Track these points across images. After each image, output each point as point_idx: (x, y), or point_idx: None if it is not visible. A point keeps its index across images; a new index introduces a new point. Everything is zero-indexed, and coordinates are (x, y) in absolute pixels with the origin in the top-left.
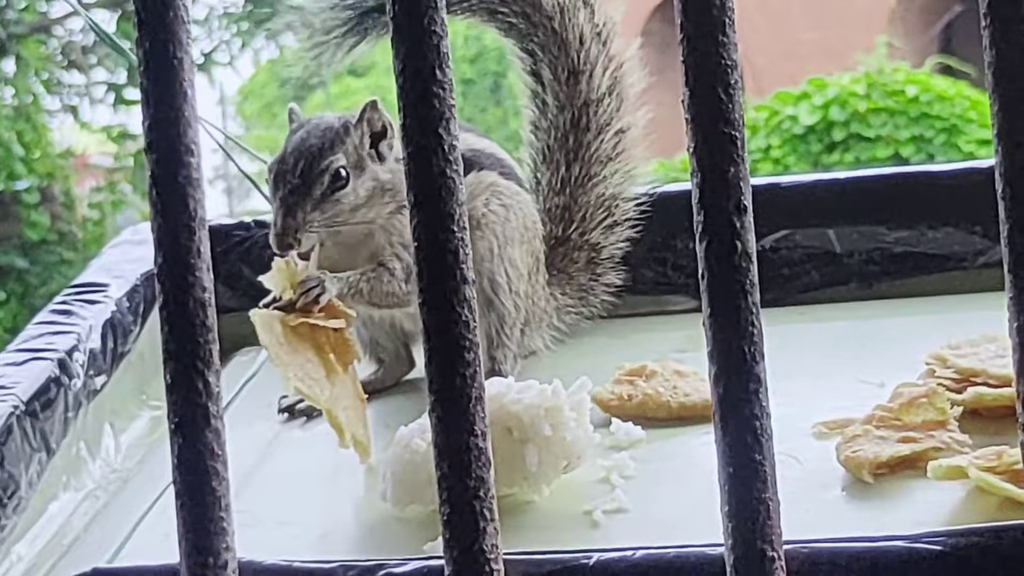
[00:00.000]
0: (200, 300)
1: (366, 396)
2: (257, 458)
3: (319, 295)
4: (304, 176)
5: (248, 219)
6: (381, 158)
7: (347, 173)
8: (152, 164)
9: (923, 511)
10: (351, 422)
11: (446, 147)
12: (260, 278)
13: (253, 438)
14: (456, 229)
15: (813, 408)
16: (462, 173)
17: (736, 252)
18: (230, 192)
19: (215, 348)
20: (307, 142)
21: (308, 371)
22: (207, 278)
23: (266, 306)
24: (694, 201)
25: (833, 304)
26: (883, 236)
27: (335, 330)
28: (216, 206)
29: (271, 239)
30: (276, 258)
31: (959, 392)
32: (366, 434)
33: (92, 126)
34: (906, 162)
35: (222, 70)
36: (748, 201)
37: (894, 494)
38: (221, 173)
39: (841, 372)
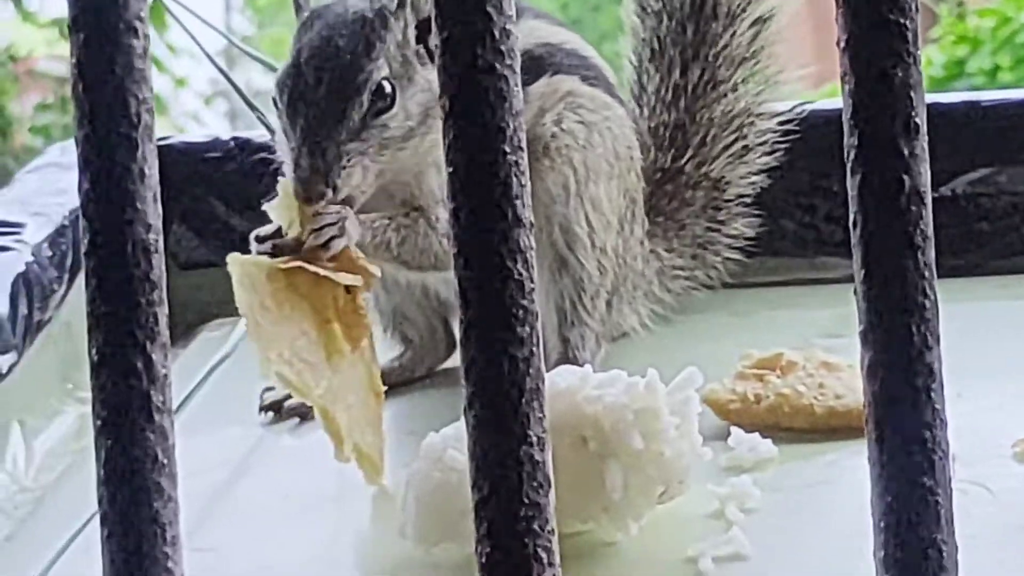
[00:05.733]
0: (142, 243)
1: (385, 389)
2: (229, 474)
3: (332, 238)
4: (333, 95)
5: (225, 136)
6: (433, 57)
7: (393, 86)
8: (78, 47)
9: None
10: (357, 426)
11: (496, 32)
12: (264, 205)
13: (224, 446)
14: (508, 149)
15: (1014, 419)
16: (519, 71)
17: (903, 190)
18: (233, 115)
19: (163, 312)
20: (332, 43)
21: (298, 350)
22: (153, 212)
23: (259, 241)
24: (845, 118)
25: None
26: None
27: (347, 290)
28: (216, 132)
29: (294, 185)
30: (282, 179)
31: None
32: (378, 443)
33: (38, 18)
34: None
35: None
36: (922, 118)
37: None
38: (221, 89)
39: None
